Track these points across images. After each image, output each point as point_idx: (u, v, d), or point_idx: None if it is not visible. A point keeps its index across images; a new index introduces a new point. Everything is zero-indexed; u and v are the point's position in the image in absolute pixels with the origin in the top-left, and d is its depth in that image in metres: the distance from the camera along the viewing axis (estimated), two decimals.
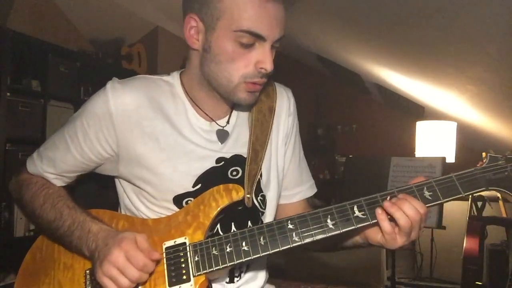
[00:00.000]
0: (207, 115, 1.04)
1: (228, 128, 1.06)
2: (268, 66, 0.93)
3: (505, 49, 2.49)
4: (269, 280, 1.17)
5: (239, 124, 1.08)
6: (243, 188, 0.98)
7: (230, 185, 0.97)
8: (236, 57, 0.93)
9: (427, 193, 0.88)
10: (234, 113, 1.09)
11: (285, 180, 1.15)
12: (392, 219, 0.87)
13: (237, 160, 1.04)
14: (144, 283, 0.90)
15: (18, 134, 3.02)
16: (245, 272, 1.06)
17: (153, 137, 0.98)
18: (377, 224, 0.89)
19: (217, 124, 1.05)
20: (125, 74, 3.95)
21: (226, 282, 1.03)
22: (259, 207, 1.05)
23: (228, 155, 1.03)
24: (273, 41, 0.93)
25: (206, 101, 1.04)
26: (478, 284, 2.42)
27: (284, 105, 1.13)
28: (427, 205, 0.88)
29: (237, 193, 0.96)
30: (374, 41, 3.42)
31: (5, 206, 2.94)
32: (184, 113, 1.03)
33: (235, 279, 1.04)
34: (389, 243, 0.89)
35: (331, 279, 3.41)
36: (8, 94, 2.91)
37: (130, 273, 0.86)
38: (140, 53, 4.24)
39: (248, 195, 1.00)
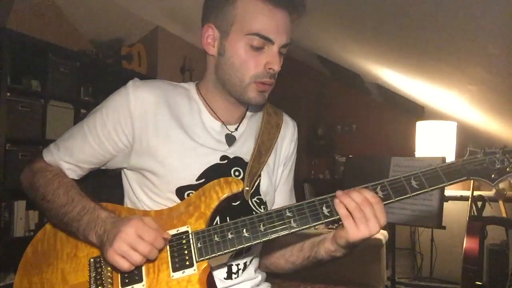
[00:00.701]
0: (219, 118, 1.12)
1: (236, 134, 1.14)
2: (276, 66, 1.04)
3: (505, 49, 2.49)
4: (269, 280, 1.20)
5: (246, 133, 1.15)
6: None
7: (230, 178, 1.03)
8: (248, 59, 1.03)
9: (414, 183, 0.95)
10: (244, 122, 1.17)
11: (276, 199, 1.20)
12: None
13: (239, 161, 1.10)
14: (150, 264, 0.94)
15: (18, 134, 3.02)
16: (243, 270, 1.10)
17: (165, 131, 1.04)
18: None
19: (227, 128, 1.13)
20: (125, 74, 3.99)
21: (224, 278, 1.06)
22: (253, 207, 1.09)
23: (231, 156, 1.09)
24: (280, 45, 1.04)
25: (220, 106, 1.12)
26: (478, 284, 2.42)
27: (290, 131, 1.24)
28: (414, 193, 0.95)
29: (237, 186, 1.01)
30: (374, 41, 3.42)
31: (5, 206, 2.94)
32: (198, 113, 1.11)
33: (233, 275, 1.08)
34: (350, 231, 0.93)
35: (331, 279, 3.41)
36: (8, 94, 2.92)
37: (141, 247, 0.89)
38: (140, 53, 4.24)
39: (247, 188, 1.07)
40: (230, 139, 1.12)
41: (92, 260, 0.99)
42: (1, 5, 3.16)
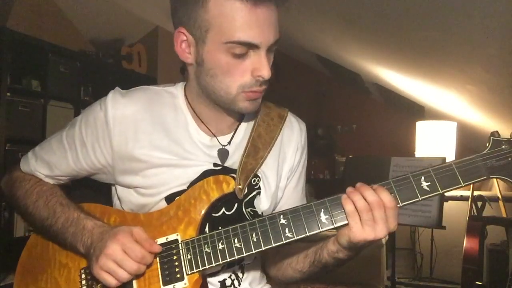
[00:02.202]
0: (209, 130, 1.02)
1: (229, 148, 1.03)
2: (265, 73, 0.89)
3: (505, 49, 2.49)
4: (269, 280, 1.15)
5: (241, 144, 1.03)
6: (234, 180, 0.96)
7: (221, 176, 0.95)
8: (231, 68, 0.89)
9: (424, 184, 0.84)
10: (240, 131, 1.05)
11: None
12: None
13: (232, 170, 1.00)
14: (140, 276, 0.90)
15: (18, 134, 3.02)
16: (238, 281, 1.03)
17: (147, 149, 0.97)
18: None
19: (219, 141, 1.02)
20: (125, 74, 3.99)
21: None
22: (248, 216, 1.01)
23: (225, 165, 1.02)
24: (267, 46, 0.89)
25: (208, 115, 1.01)
26: (478, 284, 2.42)
27: (294, 136, 1.11)
28: (424, 197, 0.84)
29: (228, 185, 0.94)
30: (374, 41, 3.42)
31: (5, 206, 2.94)
32: (185, 126, 1.01)
33: None
34: (353, 229, 0.83)
35: (331, 279, 3.40)
36: (8, 94, 2.92)
37: (128, 265, 0.86)
38: (140, 53, 4.24)
39: (240, 186, 0.97)
40: (223, 155, 1.01)
41: (82, 271, 0.97)
42: (1, 5, 3.16)
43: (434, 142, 3.29)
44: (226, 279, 1.01)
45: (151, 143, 0.97)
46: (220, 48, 0.87)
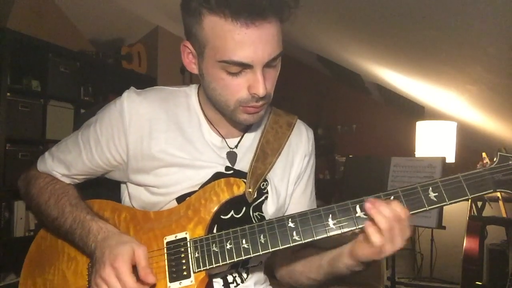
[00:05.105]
0: (219, 132, 1.05)
1: (238, 151, 1.05)
2: (260, 91, 0.89)
3: (505, 49, 2.49)
4: (269, 279, 1.16)
5: (251, 148, 1.06)
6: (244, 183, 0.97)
7: (232, 179, 0.97)
8: (227, 84, 0.91)
9: (432, 194, 0.86)
10: (248, 136, 1.08)
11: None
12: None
13: (243, 174, 1.02)
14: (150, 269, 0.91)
15: (18, 134, 3.03)
16: (241, 279, 1.05)
17: (162, 147, 0.98)
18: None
19: (227, 143, 1.05)
20: (125, 74, 3.99)
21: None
22: (255, 220, 1.03)
23: (236, 168, 1.04)
24: (262, 64, 0.88)
25: (218, 118, 1.04)
26: (478, 284, 2.42)
27: (303, 144, 1.13)
28: (431, 207, 0.86)
29: (238, 188, 0.96)
30: (374, 41, 3.42)
31: (5, 206, 2.94)
32: (198, 126, 1.03)
33: (231, 285, 1.03)
34: (376, 251, 0.86)
35: (331, 279, 3.40)
36: (8, 94, 2.92)
37: None
38: (140, 53, 4.24)
39: (250, 190, 0.99)
40: (232, 157, 1.04)
41: (90, 264, 0.98)
42: (1, 5, 3.16)
43: (434, 142, 3.29)
44: (227, 275, 1.03)
45: (166, 141, 0.99)
46: (215, 65, 0.89)
